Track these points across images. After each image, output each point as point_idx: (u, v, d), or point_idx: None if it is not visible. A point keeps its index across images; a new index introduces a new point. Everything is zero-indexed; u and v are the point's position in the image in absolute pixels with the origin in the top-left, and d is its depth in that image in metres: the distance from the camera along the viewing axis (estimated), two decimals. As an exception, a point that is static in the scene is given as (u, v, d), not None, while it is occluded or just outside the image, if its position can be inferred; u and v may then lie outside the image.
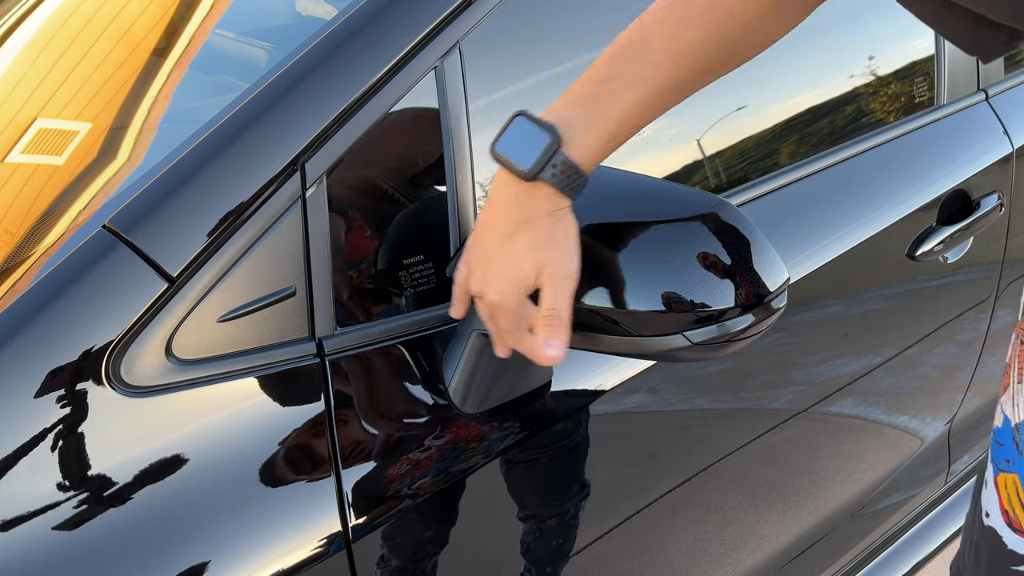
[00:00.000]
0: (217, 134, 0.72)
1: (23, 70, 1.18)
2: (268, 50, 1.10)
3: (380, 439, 0.76)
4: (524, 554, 0.88)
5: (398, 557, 0.77)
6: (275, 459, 0.70)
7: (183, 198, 0.69)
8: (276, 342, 0.73)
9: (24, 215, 0.89)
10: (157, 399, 0.67)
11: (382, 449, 0.76)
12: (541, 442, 0.86)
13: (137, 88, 1.03)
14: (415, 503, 0.76)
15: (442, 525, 0.81)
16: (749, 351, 0.68)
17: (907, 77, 1.23)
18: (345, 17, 0.77)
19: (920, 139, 1.23)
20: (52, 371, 0.64)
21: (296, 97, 0.73)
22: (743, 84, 1.04)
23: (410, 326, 0.79)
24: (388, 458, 0.76)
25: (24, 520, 0.62)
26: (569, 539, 0.91)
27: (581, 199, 0.66)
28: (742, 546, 1.15)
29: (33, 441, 0.63)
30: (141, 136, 0.94)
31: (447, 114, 0.79)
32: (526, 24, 0.85)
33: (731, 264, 0.67)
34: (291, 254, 0.72)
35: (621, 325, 0.69)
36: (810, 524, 1.25)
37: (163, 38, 1.12)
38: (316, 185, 0.73)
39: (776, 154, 1.08)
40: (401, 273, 0.79)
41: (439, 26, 0.78)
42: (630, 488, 0.96)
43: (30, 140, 1.01)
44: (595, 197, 0.70)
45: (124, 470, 0.66)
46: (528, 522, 0.88)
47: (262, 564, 0.68)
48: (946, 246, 1.25)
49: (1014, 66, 1.40)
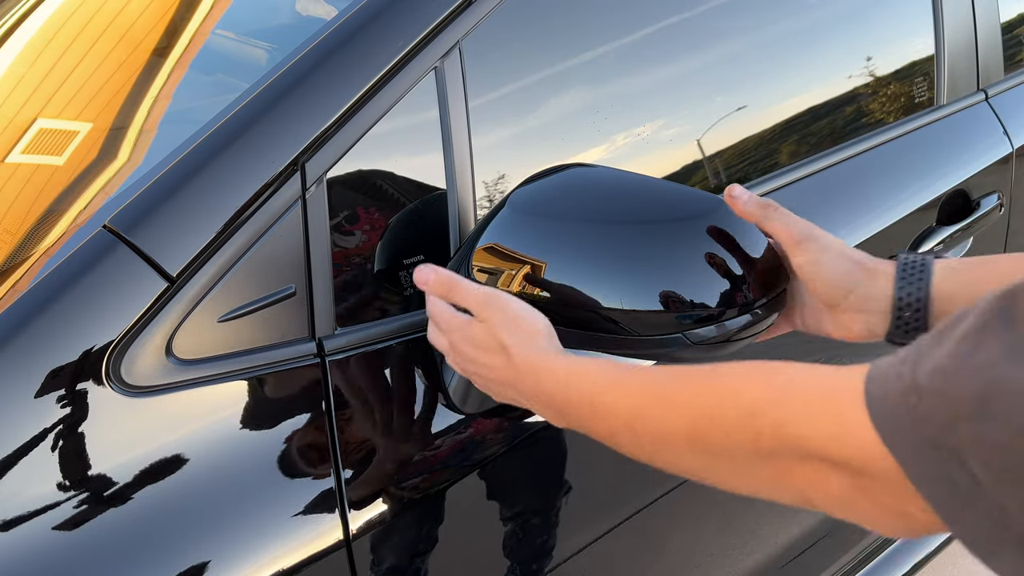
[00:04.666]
0: (217, 134, 0.72)
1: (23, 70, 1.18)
2: (268, 50, 1.10)
3: (380, 439, 0.76)
4: (521, 554, 0.88)
5: (398, 557, 0.77)
6: (275, 459, 0.70)
7: (183, 198, 0.69)
8: (276, 342, 0.73)
9: (24, 215, 0.89)
10: (157, 399, 0.67)
11: (382, 449, 0.76)
12: (541, 441, 0.86)
13: (137, 88, 1.03)
14: (415, 503, 0.76)
15: (442, 525, 0.81)
16: (749, 351, 0.68)
17: (907, 77, 1.23)
18: (345, 17, 0.77)
19: (920, 139, 1.22)
20: (52, 371, 0.64)
21: (296, 97, 0.73)
22: (743, 84, 1.04)
23: (410, 326, 0.79)
24: (388, 458, 0.76)
25: (24, 520, 0.62)
26: (563, 541, 0.91)
27: (582, 199, 0.66)
28: (742, 546, 1.15)
29: (33, 441, 0.63)
30: (141, 136, 0.94)
31: (447, 114, 0.79)
32: (526, 24, 0.85)
33: (730, 264, 0.67)
34: (291, 254, 0.72)
35: (620, 325, 0.69)
36: (810, 524, 1.25)
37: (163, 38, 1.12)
38: (316, 185, 0.73)
39: (776, 154, 1.08)
40: (401, 273, 0.79)
41: (439, 26, 0.78)
42: (630, 488, 0.96)
43: (30, 140, 1.01)
44: (597, 196, 0.70)
45: (124, 470, 0.66)
46: (525, 524, 0.88)
47: (262, 564, 0.68)
48: (946, 246, 1.25)
49: (1014, 66, 1.40)
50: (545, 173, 0.75)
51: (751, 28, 1.05)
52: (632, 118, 0.93)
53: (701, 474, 0.52)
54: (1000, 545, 0.33)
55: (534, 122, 0.87)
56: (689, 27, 0.99)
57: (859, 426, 0.39)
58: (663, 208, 0.68)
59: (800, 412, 0.44)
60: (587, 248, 0.68)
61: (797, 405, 0.44)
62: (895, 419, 0.37)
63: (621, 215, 0.69)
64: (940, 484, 0.35)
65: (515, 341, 0.63)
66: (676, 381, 0.52)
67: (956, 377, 0.35)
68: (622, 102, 0.92)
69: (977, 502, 0.34)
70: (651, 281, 0.67)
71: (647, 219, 0.68)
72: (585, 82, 0.90)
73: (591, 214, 0.69)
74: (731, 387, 0.48)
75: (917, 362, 0.37)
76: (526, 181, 0.75)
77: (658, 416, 0.52)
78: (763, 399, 0.46)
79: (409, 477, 0.76)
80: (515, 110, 0.85)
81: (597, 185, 0.72)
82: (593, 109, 0.90)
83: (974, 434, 0.33)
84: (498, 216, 0.72)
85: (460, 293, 0.67)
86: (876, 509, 0.42)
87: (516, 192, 0.73)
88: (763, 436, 0.45)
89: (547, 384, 0.61)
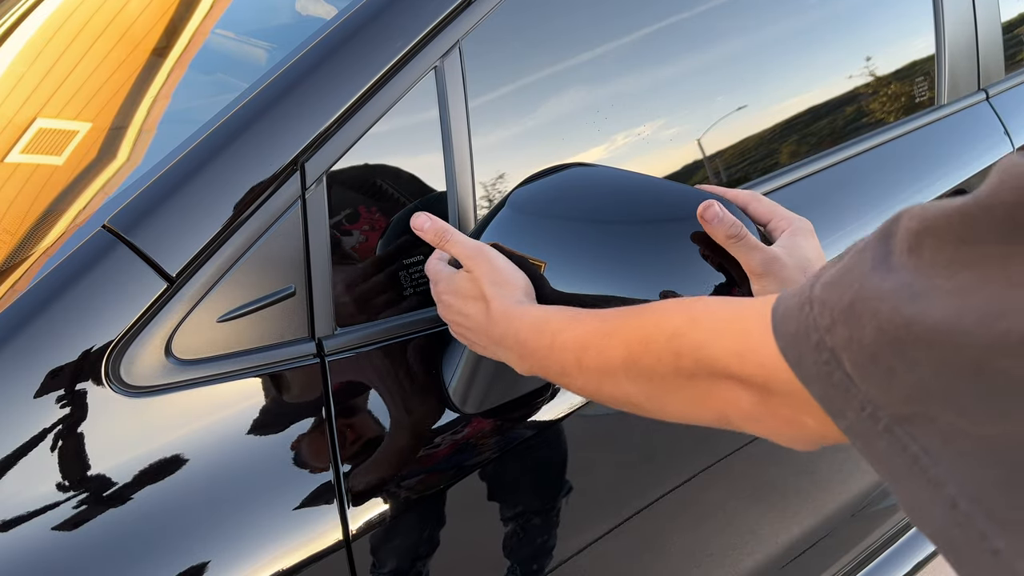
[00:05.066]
0: (217, 134, 0.72)
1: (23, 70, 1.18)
2: (268, 50, 1.10)
3: (380, 439, 0.76)
4: (521, 554, 0.88)
5: (398, 557, 0.77)
6: (275, 459, 0.70)
7: (183, 198, 0.69)
8: (276, 342, 0.73)
9: (24, 215, 0.89)
10: (157, 399, 0.67)
11: (382, 449, 0.76)
12: (541, 441, 0.86)
13: (137, 88, 1.03)
14: (416, 503, 0.76)
15: (442, 525, 0.80)
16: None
17: (907, 77, 1.23)
18: (345, 17, 0.77)
19: (920, 139, 1.22)
20: (52, 371, 0.64)
21: (296, 97, 0.73)
22: (743, 84, 1.04)
23: (410, 326, 0.79)
24: (388, 458, 0.76)
25: (24, 520, 0.62)
26: (564, 541, 0.91)
27: (582, 199, 0.66)
28: (742, 546, 1.15)
29: (33, 441, 0.63)
30: (141, 136, 0.94)
31: (447, 114, 0.79)
32: (526, 24, 0.85)
33: (725, 259, 0.67)
34: (291, 254, 0.72)
35: None
36: (810, 524, 1.25)
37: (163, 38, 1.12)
38: (316, 185, 0.73)
39: (776, 154, 1.08)
40: (401, 273, 0.79)
41: (439, 26, 0.78)
42: (630, 488, 0.96)
43: (30, 140, 1.01)
44: (596, 196, 0.70)
45: (124, 470, 0.65)
46: (525, 524, 0.88)
47: (262, 564, 0.68)
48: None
49: (1014, 66, 1.40)
50: (545, 173, 0.75)
51: (751, 28, 1.05)
52: (632, 118, 0.93)
53: (637, 400, 0.56)
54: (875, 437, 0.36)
55: (534, 122, 0.87)
56: (689, 27, 0.99)
57: (762, 343, 0.44)
58: (662, 208, 0.69)
59: (712, 332, 0.48)
60: (587, 248, 0.68)
61: (710, 325, 0.49)
62: (790, 329, 0.41)
63: (620, 215, 0.69)
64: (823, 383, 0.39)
65: (495, 292, 0.68)
66: (617, 316, 0.57)
67: (838, 286, 0.38)
68: (622, 102, 0.92)
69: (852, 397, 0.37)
70: (651, 280, 0.67)
71: (647, 219, 0.68)
72: (585, 82, 0.90)
73: (591, 214, 0.69)
74: (660, 313, 0.54)
75: (817, 277, 0.41)
76: (526, 181, 0.75)
77: (600, 346, 0.57)
78: (683, 322, 0.51)
79: (409, 477, 0.76)
80: (515, 110, 0.85)
81: (596, 185, 0.72)
82: (593, 109, 0.89)
83: (845, 336, 0.37)
84: (498, 216, 0.72)
85: (451, 243, 0.72)
86: (778, 422, 0.46)
87: (516, 192, 0.73)
88: (683, 356, 0.50)
89: (515, 328, 0.65)
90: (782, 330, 0.42)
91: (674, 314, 0.52)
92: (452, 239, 0.72)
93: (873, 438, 0.36)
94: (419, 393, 0.79)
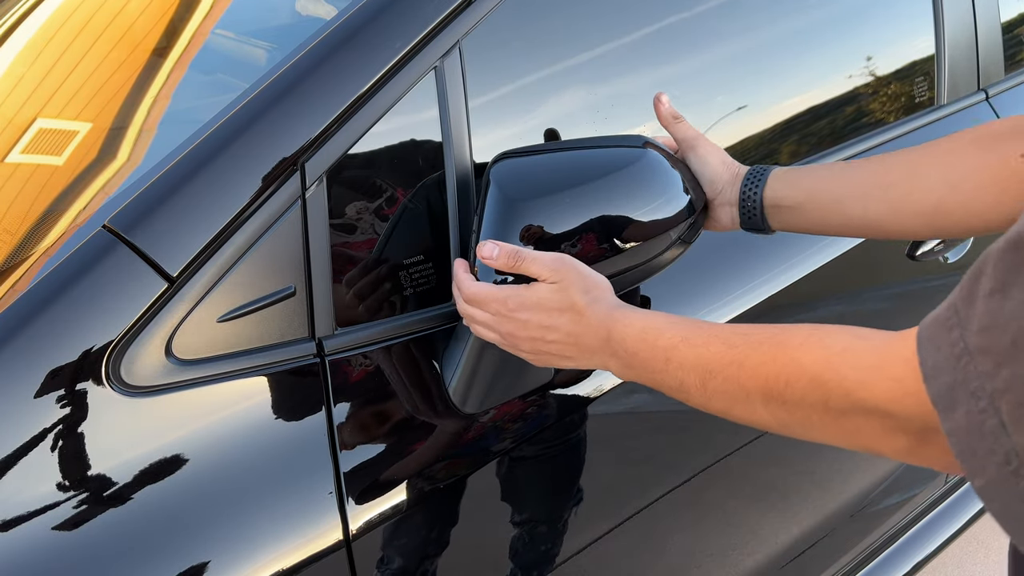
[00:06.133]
0: (217, 134, 0.72)
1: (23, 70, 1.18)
2: (268, 50, 1.10)
3: (380, 439, 0.76)
4: (521, 556, 0.88)
5: (398, 557, 0.77)
6: (275, 459, 0.70)
7: (183, 198, 0.69)
8: (276, 342, 0.73)
9: (24, 215, 0.89)
10: (157, 399, 0.67)
11: (382, 449, 0.76)
12: (541, 442, 0.86)
13: (137, 88, 1.03)
14: (416, 503, 0.76)
15: (442, 525, 0.81)
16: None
17: (907, 77, 1.23)
18: (345, 17, 0.77)
19: (921, 139, 1.22)
20: (52, 371, 0.64)
21: (296, 97, 0.73)
22: (743, 84, 1.04)
23: (410, 326, 0.79)
24: (388, 458, 0.76)
25: (24, 520, 0.62)
26: (564, 542, 0.91)
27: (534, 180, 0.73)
28: (742, 546, 1.15)
29: (33, 441, 0.63)
30: (141, 136, 0.94)
31: (447, 114, 0.79)
32: (526, 24, 0.85)
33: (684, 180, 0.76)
34: (291, 254, 0.72)
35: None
36: (810, 524, 1.25)
37: (163, 38, 1.12)
38: (316, 185, 0.73)
39: (776, 154, 1.08)
40: (401, 273, 0.79)
41: (439, 26, 0.78)
42: (630, 488, 0.96)
43: (30, 140, 1.01)
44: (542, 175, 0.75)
45: (124, 470, 0.66)
46: (524, 525, 0.88)
47: (262, 564, 0.68)
48: (946, 246, 1.25)
49: (1014, 66, 1.40)
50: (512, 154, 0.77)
51: (751, 28, 1.05)
52: (632, 118, 0.93)
53: (773, 426, 0.57)
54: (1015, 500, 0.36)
55: (534, 122, 0.87)
56: (689, 27, 0.99)
57: (916, 390, 0.44)
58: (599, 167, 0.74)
59: (859, 381, 0.48)
60: (567, 215, 0.72)
61: (857, 375, 0.49)
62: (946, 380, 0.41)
63: (571, 183, 0.73)
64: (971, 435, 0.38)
65: (589, 298, 0.67)
66: (745, 343, 0.57)
67: (995, 330, 0.38)
68: (622, 102, 0.92)
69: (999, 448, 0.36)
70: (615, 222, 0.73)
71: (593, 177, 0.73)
72: (585, 82, 0.90)
73: (551, 188, 0.73)
74: (795, 349, 0.53)
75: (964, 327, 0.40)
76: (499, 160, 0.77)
77: (729, 375, 0.57)
78: (824, 366, 0.51)
79: (409, 477, 0.76)
80: (515, 110, 0.85)
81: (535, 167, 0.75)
82: (593, 109, 0.90)
83: (1010, 375, 0.36)
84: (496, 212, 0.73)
85: (529, 261, 0.69)
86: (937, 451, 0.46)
87: (495, 167, 0.76)
88: (831, 398, 0.50)
89: (620, 336, 0.64)
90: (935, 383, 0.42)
91: (813, 348, 0.52)
92: (528, 257, 0.69)
93: (1012, 500, 0.36)
94: (419, 393, 0.79)
